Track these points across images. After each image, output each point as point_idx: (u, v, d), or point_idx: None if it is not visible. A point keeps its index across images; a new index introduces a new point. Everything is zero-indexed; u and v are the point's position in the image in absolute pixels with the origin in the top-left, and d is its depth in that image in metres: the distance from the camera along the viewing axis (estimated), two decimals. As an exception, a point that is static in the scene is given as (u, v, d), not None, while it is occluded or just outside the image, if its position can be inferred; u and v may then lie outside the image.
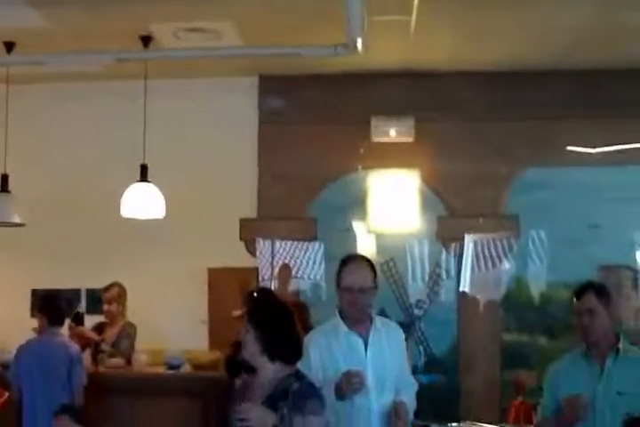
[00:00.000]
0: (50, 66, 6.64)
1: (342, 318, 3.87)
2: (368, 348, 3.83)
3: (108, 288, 6.75)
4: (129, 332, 6.71)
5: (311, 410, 3.17)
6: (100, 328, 6.78)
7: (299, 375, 3.31)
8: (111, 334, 6.72)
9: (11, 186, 6.69)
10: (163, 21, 6.28)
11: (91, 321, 6.91)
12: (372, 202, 7.73)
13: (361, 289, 3.79)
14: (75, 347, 5.85)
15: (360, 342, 3.84)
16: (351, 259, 3.96)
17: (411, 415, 3.96)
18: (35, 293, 7.39)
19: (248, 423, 3.17)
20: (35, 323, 5.96)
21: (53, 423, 3.21)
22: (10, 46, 6.61)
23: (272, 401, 3.22)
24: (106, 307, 6.73)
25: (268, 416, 3.16)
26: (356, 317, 3.85)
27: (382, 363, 3.82)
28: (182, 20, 6.27)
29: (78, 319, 6.43)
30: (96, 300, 6.97)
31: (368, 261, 3.95)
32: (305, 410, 3.15)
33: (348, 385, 3.62)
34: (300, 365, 3.42)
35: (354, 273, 3.84)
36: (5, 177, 6.69)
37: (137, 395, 5.91)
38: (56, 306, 5.95)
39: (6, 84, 6.91)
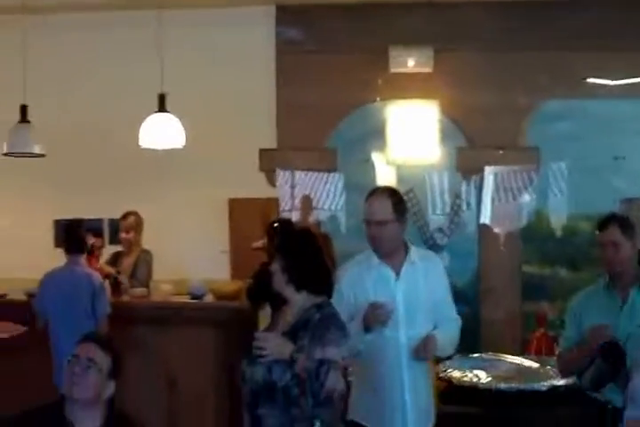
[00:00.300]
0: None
1: (374, 250, 3.83)
2: (398, 280, 3.78)
3: (124, 217, 6.79)
4: (145, 259, 6.76)
5: (330, 341, 3.16)
6: (115, 258, 6.86)
7: (322, 305, 3.31)
8: (128, 263, 6.78)
9: (30, 116, 6.65)
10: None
11: (111, 251, 7.00)
12: (392, 133, 7.67)
13: (379, 222, 3.72)
14: (97, 276, 5.90)
15: (391, 274, 3.78)
16: (372, 191, 3.89)
17: (448, 350, 3.97)
18: (57, 223, 7.46)
19: (265, 352, 3.17)
20: (58, 253, 6.00)
21: (78, 350, 3.23)
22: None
23: (294, 331, 3.25)
24: (123, 235, 6.78)
25: (285, 346, 3.18)
26: (382, 250, 3.80)
27: (414, 296, 3.76)
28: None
29: (89, 252, 6.45)
30: (117, 229, 7.00)
31: (392, 193, 3.85)
32: (324, 340, 3.16)
33: (373, 317, 3.61)
34: (333, 296, 3.43)
35: (372, 206, 3.77)
36: (24, 107, 6.65)
37: (161, 324, 5.98)
38: (76, 235, 5.96)
39: (22, 13, 6.84)
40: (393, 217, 3.75)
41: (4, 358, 5.86)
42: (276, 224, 5.91)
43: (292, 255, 3.35)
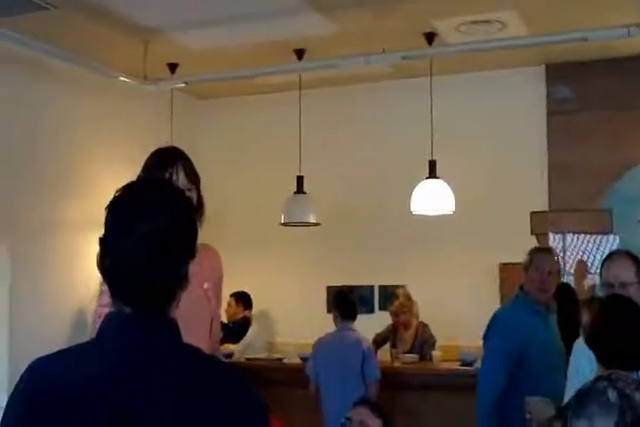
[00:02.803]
0: (338, 69, 6.84)
1: None
2: None
3: (391, 302, 6.88)
4: (426, 334, 6.80)
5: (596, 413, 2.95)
6: (393, 331, 6.94)
7: (611, 378, 3.01)
8: (407, 335, 6.85)
9: (306, 187, 6.97)
10: (446, 16, 6.26)
11: (381, 316, 7.08)
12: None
13: (623, 284, 3.55)
14: (367, 342, 5.99)
15: None
16: (611, 254, 3.82)
17: None
18: (329, 289, 7.67)
19: (528, 415, 3.23)
20: (330, 319, 6.17)
21: (352, 413, 3.29)
22: (300, 53, 6.89)
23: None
24: (395, 319, 6.87)
25: (548, 409, 3.17)
26: None
27: None
28: (465, 14, 6.21)
29: None
30: (388, 296, 7.09)
31: (632, 256, 3.70)
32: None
33: None
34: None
35: (614, 268, 3.63)
36: (301, 178, 6.99)
37: (430, 390, 5.95)
38: (349, 301, 6.12)
39: (299, 89, 7.25)
40: (636, 279, 3.61)
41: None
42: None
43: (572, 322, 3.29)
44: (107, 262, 1.65)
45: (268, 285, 7.92)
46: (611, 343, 2.96)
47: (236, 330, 7.24)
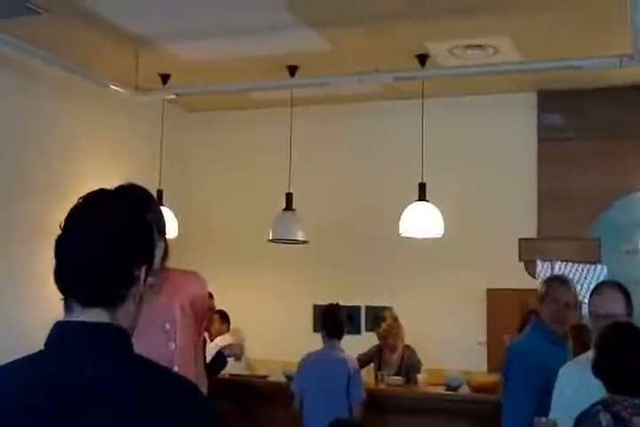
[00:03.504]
0: (330, 87, 6.81)
1: None
2: None
3: (378, 324, 6.78)
4: (413, 358, 6.71)
5: None
6: (378, 353, 6.84)
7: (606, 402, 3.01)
8: (393, 358, 6.75)
9: (295, 204, 6.91)
10: (439, 39, 6.26)
11: (368, 338, 6.99)
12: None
13: (608, 316, 3.48)
14: (353, 362, 5.89)
15: None
16: (599, 285, 3.80)
17: None
18: (316, 307, 7.55)
19: None
20: (317, 338, 6.06)
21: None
22: (293, 70, 6.86)
23: None
24: (382, 342, 6.77)
25: None
26: None
27: None
28: (459, 37, 6.21)
29: None
30: (375, 317, 7.00)
31: (621, 287, 3.65)
32: None
33: None
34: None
35: (603, 298, 3.58)
36: (290, 195, 6.92)
37: (415, 414, 5.85)
38: (336, 320, 6.02)
39: (290, 106, 7.21)
40: (625, 312, 3.57)
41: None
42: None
43: None
44: (56, 264, 1.62)
45: (254, 301, 7.85)
46: (613, 369, 2.98)
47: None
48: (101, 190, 1.71)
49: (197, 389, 1.67)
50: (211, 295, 5.19)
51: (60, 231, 1.63)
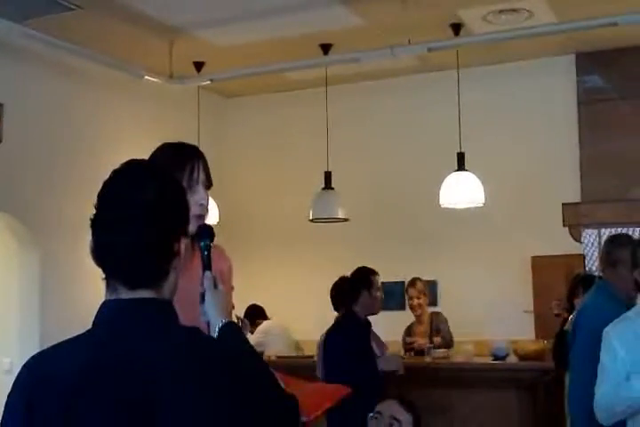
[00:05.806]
0: (364, 63, 6.78)
1: None
2: None
3: (413, 283, 6.74)
4: (442, 319, 6.68)
5: None
6: (409, 330, 6.82)
7: None
8: (422, 330, 6.73)
9: (334, 183, 6.92)
10: (472, 6, 6.19)
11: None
12: None
13: None
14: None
15: None
16: None
17: None
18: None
19: None
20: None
21: (379, 408, 3.25)
22: (326, 48, 6.84)
23: None
24: (415, 302, 6.73)
25: None
26: None
27: None
28: (492, 3, 6.14)
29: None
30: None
31: None
32: None
33: None
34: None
35: None
36: (329, 174, 6.94)
37: (462, 386, 5.86)
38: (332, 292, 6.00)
39: (325, 85, 7.20)
40: None
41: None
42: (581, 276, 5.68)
43: None
44: (95, 245, 1.62)
45: (297, 280, 7.89)
46: None
47: None
48: (131, 162, 1.69)
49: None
50: None
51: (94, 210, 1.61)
